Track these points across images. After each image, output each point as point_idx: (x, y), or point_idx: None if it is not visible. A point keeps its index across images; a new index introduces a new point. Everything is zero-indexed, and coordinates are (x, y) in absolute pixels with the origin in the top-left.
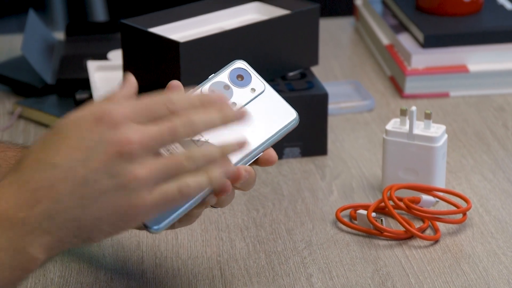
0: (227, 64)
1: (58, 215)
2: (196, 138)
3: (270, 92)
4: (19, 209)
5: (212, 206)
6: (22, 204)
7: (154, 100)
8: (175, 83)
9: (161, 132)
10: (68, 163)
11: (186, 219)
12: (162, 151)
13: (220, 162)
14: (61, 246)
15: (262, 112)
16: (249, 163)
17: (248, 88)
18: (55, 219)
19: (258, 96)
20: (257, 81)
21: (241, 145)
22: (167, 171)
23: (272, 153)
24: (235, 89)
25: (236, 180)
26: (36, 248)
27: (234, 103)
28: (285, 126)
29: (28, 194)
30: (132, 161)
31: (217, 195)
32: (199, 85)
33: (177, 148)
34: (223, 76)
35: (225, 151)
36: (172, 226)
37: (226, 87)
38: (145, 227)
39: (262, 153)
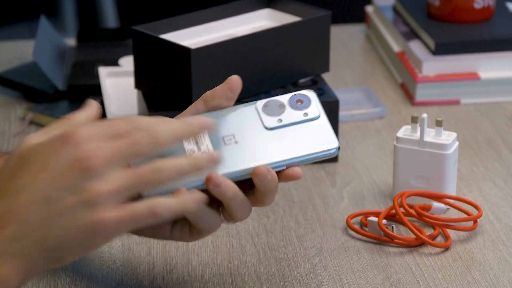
0: (237, 70)
1: (24, 237)
2: (227, 137)
3: (322, 121)
4: None
5: (226, 220)
6: None
7: (117, 119)
8: None
9: (122, 145)
10: (33, 185)
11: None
12: (190, 148)
13: (188, 174)
14: (35, 268)
15: (304, 135)
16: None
17: (302, 112)
18: (22, 241)
19: (308, 122)
20: (314, 109)
21: (211, 161)
22: (132, 185)
23: (297, 169)
24: (288, 109)
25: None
26: (8, 270)
27: (280, 120)
28: (320, 152)
29: None
30: (95, 177)
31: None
32: (261, 99)
33: (208, 147)
34: (285, 96)
35: (196, 165)
36: (193, 236)
37: (281, 106)
38: None
39: (286, 168)
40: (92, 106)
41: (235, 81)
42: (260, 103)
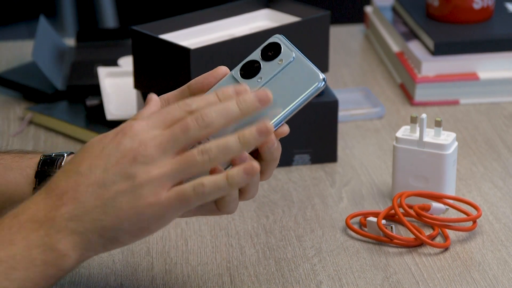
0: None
1: (81, 216)
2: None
3: (299, 60)
4: (47, 211)
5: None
6: (49, 207)
7: (171, 106)
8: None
9: (172, 132)
10: (90, 170)
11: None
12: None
13: (238, 152)
14: (91, 248)
15: (288, 81)
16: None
17: (277, 60)
18: (79, 220)
19: (286, 67)
20: (287, 52)
21: (261, 132)
22: (180, 168)
23: (285, 127)
24: (263, 64)
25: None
26: (66, 245)
27: (260, 78)
28: (309, 91)
29: (55, 198)
30: (147, 163)
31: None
32: (236, 67)
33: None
34: (255, 53)
35: (243, 141)
36: (191, 213)
37: (256, 63)
38: None
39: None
40: (153, 101)
41: (223, 73)
42: (236, 71)
